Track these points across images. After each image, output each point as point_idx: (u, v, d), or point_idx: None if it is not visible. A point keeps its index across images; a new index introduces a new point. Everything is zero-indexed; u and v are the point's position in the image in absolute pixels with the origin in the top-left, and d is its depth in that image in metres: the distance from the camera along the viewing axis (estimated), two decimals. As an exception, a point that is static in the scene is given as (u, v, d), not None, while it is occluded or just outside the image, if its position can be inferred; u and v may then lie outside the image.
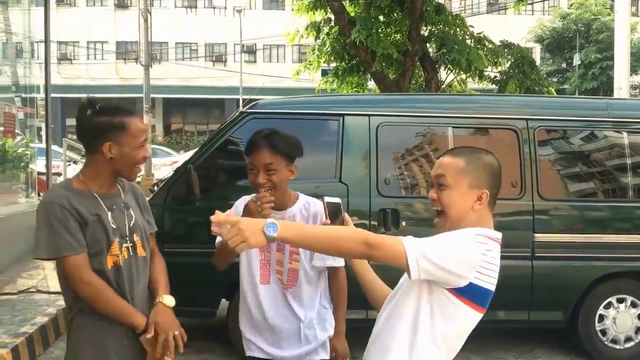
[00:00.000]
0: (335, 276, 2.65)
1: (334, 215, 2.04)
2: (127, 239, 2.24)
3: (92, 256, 2.16)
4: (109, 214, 2.20)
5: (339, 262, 2.58)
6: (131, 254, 2.25)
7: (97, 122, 2.17)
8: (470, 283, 1.80)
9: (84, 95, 2.35)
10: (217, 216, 1.75)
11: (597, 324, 4.96)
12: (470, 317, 1.87)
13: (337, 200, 2.08)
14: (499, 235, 1.94)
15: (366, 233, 1.78)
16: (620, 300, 4.99)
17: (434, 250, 1.77)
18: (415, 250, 1.75)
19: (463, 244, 1.82)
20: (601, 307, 4.96)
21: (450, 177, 1.90)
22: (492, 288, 1.87)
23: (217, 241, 2.54)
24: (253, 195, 2.62)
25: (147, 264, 2.34)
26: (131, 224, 2.27)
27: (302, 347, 2.60)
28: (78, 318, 2.23)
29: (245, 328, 2.67)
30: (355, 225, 2.12)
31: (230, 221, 1.71)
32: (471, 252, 1.81)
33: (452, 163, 1.93)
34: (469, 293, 1.82)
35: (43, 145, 11.09)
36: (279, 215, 2.52)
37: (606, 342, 4.98)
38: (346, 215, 2.08)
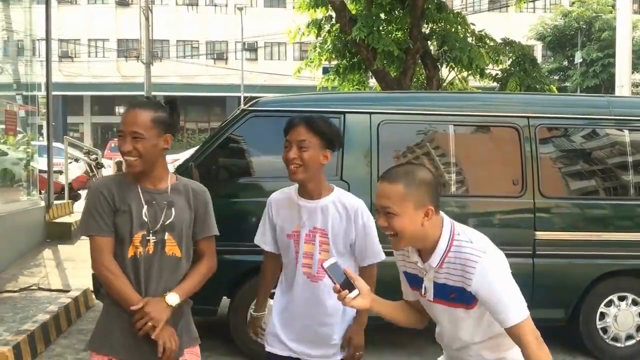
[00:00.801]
0: (369, 271, 2.63)
1: (337, 275, 2.06)
2: (157, 235, 2.29)
3: (116, 242, 2.28)
4: (145, 207, 2.29)
5: (378, 259, 2.61)
6: (158, 251, 2.30)
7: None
8: None
9: (86, 93, 2.40)
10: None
11: (598, 322, 4.96)
12: None
13: (332, 260, 2.10)
14: (447, 217, 2.13)
15: (528, 343, 1.96)
16: (621, 298, 4.99)
17: (515, 293, 2.03)
18: (522, 314, 2.00)
19: (500, 268, 2.03)
20: (602, 305, 4.96)
21: (395, 205, 2.01)
22: None
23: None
24: (284, 189, 2.68)
25: (177, 265, 2.35)
26: (167, 222, 2.31)
27: (328, 345, 2.61)
28: (106, 299, 2.37)
29: (271, 322, 2.70)
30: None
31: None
32: (502, 262, 2.05)
33: (392, 191, 2.02)
34: None
35: (44, 142, 11.10)
36: (312, 204, 2.54)
37: (607, 340, 4.98)
38: (348, 271, 2.09)
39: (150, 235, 2.29)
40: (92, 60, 37.27)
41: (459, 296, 2.03)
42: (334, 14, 11.40)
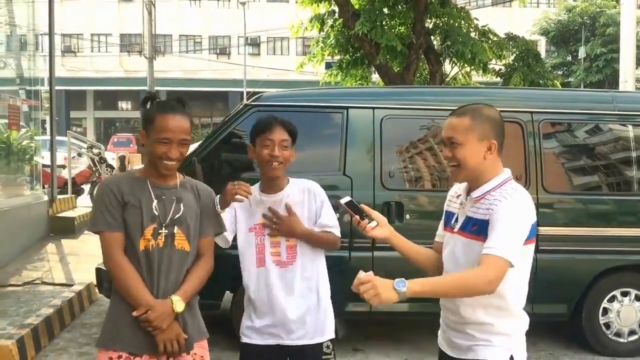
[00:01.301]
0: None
1: (354, 209, 2.27)
2: (167, 228, 2.34)
3: (127, 236, 2.32)
4: (155, 201, 2.35)
5: (336, 231, 2.79)
6: (167, 244, 2.34)
7: (143, 112, 2.43)
8: (532, 225, 2.12)
9: (89, 88, 2.41)
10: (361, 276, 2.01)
11: (601, 318, 4.96)
12: (530, 251, 2.20)
13: (347, 198, 2.31)
14: (509, 173, 2.21)
15: (486, 273, 1.98)
16: (624, 294, 4.99)
17: (514, 237, 2.04)
18: (509, 252, 2.00)
19: (520, 207, 2.08)
20: (605, 300, 4.96)
21: (460, 135, 2.14)
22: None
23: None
24: (254, 187, 2.72)
25: (185, 259, 2.39)
26: (176, 216, 2.36)
27: (299, 329, 2.68)
28: (115, 291, 2.38)
29: (244, 317, 2.77)
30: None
31: (367, 279, 1.96)
32: (529, 206, 2.11)
33: (459, 123, 2.16)
34: (529, 234, 2.11)
35: (48, 137, 11.11)
36: (278, 197, 2.73)
37: (610, 336, 4.98)
38: (363, 206, 2.29)
39: (163, 228, 2.33)
40: (95, 55, 37.28)
41: (479, 229, 2.10)
42: (336, 9, 11.37)
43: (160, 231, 2.33)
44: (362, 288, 1.93)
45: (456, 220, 2.23)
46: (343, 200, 2.26)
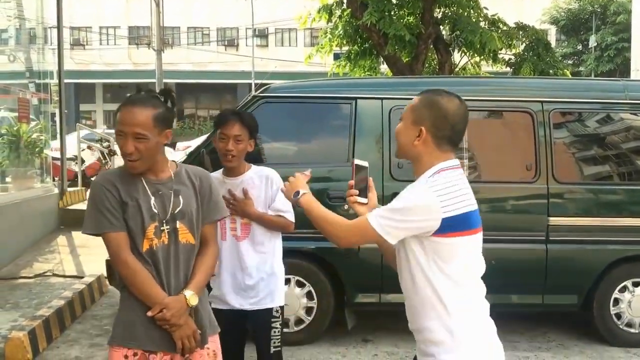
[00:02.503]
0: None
1: (358, 177, 2.21)
2: (169, 224, 2.29)
3: (130, 237, 2.27)
4: (153, 198, 2.28)
5: (289, 216, 3.11)
6: (172, 240, 2.29)
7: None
8: (443, 219, 1.94)
9: (98, 81, 2.36)
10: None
11: (612, 308, 4.93)
12: (467, 243, 2.00)
13: (365, 163, 2.24)
14: (454, 162, 2.09)
15: (349, 228, 2.06)
16: (635, 284, 4.95)
17: (394, 211, 1.97)
18: (378, 219, 1.98)
19: (416, 194, 1.98)
20: (616, 290, 4.92)
21: (405, 112, 2.14)
22: (468, 209, 2.01)
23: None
24: (214, 173, 3.13)
25: (192, 251, 2.35)
26: (176, 210, 2.30)
27: (253, 296, 3.07)
28: (124, 290, 2.34)
29: (212, 285, 3.12)
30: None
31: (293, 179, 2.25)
32: (424, 198, 1.95)
33: (413, 100, 2.16)
34: (449, 227, 1.95)
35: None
36: (237, 180, 3.10)
37: (621, 326, 4.95)
38: (370, 180, 2.23)
39: (164, 225, 2.28)
40: (103, 48, 37.35)
41: None
42: (344, -1, 11.32)
43: (162, 228, 2.27)
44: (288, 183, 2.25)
45: None
46: (357, 162, 2.22)
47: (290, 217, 3.11)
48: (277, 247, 3.19)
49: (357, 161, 2.21)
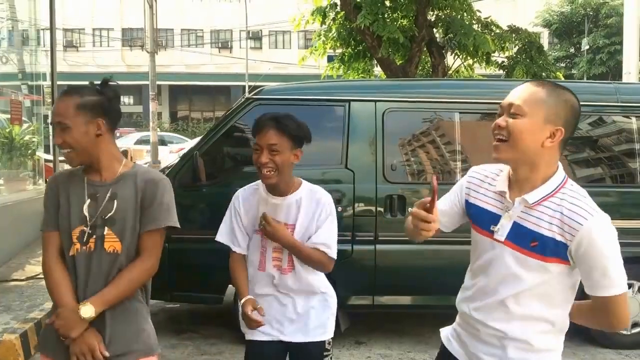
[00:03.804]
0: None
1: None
2: (95, 230, 2.12)
3: (62, 240, 2.18)
4: (88, 201, 2.14)
5: (332, 253, 2.58)
6: (97, 247, 2.12)
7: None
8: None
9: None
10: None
11: (604, 310, 4.94)
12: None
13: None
14: (561, 166, 1.94)
15: (613, 315, 1.89)
16: (627, 286, 4.97)
17: (620, 262, 1.91)
18: (625, 281, 1.89)
19: (615, 235, 1.86)
20: (608, 292, 4.94)
21: (527, 105, 1.80)
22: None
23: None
24: (254, 184, 2.67)
25: (117, 261, 2.14)
26: (107, 216, 2.13)
27: (302, 327, 2.63)
28: None
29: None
30: (361, 210, 2.11)
31: None
32: (608, 220, 1.85)
33: (533, 92, 1.82)
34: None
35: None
36: (283, 200, 2.56)
37: (613, 328, 4.96)
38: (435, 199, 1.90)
39: (91, 230, 2.12)
40: (96, 50, 37.27)
41: (543, 247, 1.80)
42: (338, 2, 11.36)
43: (89, 232, 2.12)
44: None
45: (500, 225, 1.89)
46: (435, 182, 1.83)
47: (332, 252, 2.56)
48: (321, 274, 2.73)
49: (434, 181, 1.82)
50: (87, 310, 2.06)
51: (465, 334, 2.02)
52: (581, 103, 5.46)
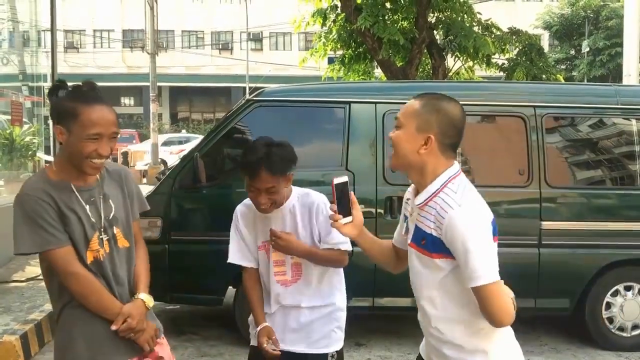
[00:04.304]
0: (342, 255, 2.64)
1: (340, 195, 2.03)
2: (107, 232, 2.17)
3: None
4: (87, 207, 2.14)
5: (344, 247, 2.59)
6: (112, 247, 2.19)
7: (56, 104, 2.10)
8: (492, 221, 1.95)
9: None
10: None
11: (604, 312, 4.95)
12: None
13: (344, 179, 2.06)
14: (457, 167, 2.00)
15: (499, 309, 1.84)
16: (627, 288, 4.97)
17: (490, 251, 1.89)
18: (490, 271, 1.86)
19: (473, 219, 1.88)
20: (608, 294, 4.95)
21: (403, 117, 1.98)
22: (491, 214, 1.98)
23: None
24: (245, 202, 2.67)
25: (131, 254, 2.27)
26: (110, 216, 2.19)
27: (305, 337, 2.62)
28: (67, 310, 2.18)
29: (250, 318, 2.73)
30: (361, 212, 2.13)
31: None
32: (479, 214, 1.92)
33: (410, 105, 2.00)
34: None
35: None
36: (277, 212, 2.57)
37: (613, 330, 4.97)
38: (352, 195, 2.07)
39: (103, 233, 2.16)
40: (97, 51, 37.29)
41: (429, 243, 1.92)
42: (339, 3, 11.36)
43: (102, 237, 2.15)
44: None
45: (408, 228, 2.06)
46: (337, 180, 2.02)
47: (346, 246, 2.58)
48: (337, 281, 2.73)
49: (335, 180, 2.02)
50: (151, 300, 2.24)
51: (425, 339, 2.18)
52: (581, 105, 5.43)
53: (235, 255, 2.67)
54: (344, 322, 2.71)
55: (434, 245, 1.90)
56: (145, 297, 2.23)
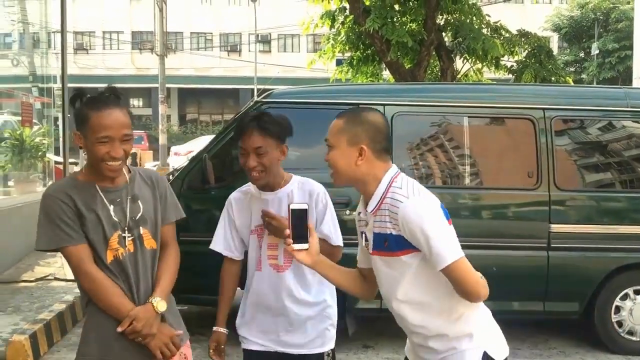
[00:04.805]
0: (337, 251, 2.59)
1: (297, 221, 2.04)
2: (132, 231, 2.20)
3: (92, 249, 2.16)
4: (111, 207, 2.18)
5: (338, 242, 2.57)
6: (137, 247, 2.21)
7: (74, 111, 2.19)
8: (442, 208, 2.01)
9: (100, 85, 2.31)
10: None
11: (613, 316, 4.92)
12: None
13: (304, 205, 2.09)
14: (395, 168, 2.09)
15: (470, 284, 1.90)
16: (637, 292, 4.94)
17: (447, 233, 1.96)
18: (453, 251, 1.93)
19: (423, 207, 1.96)
20: (617, 298, 4.92)
21: (332, 137, 2.07)
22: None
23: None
24: (244, 187, 2.65)
25: (156, 256, 2.29)
26: (137, 217, 2.22)
27: (299, 337, 2.56)
28: (89, 308, 2.23)
29: (240, 321, 2.69)
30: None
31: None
32: (429, 202, 1.99)
33: (334, 125, 2.08)
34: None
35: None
36: (274, 195, 2.54)
37: (622, 334, 4.94)
38: (310, 223, 2.08)
39: (127, 233, 2.19)
40: (106, 53, 37.45)
41: (392, 243, 1.97)
42: (347, 5, 11.37)
43: (125, 236, 2.18)
44: None
45: (367, 240, 2.11)
46: (293, 205, 2.06)
47: (338, 241, 2.55)
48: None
49: (293, 205, 2.06)
50: (162, 304, 2.20)
51: (408, 340, 2.24)
52: (591, 108, 5.41)
53: (220, 243, 2.64)
54: (335, 320, 2.66)
55: (397, 243, 1.96)
56: (155, 300, 2.20)
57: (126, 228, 2.19)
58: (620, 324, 4.94)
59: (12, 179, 8.76)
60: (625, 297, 4.93)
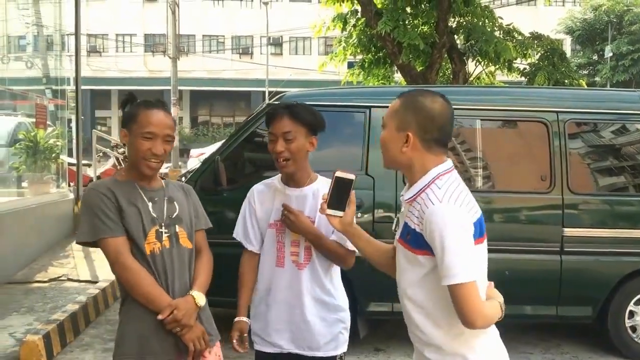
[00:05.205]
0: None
1: (339, 190, 2.03)
2: (168, 228, 2.29)
3: (130, 242, 2.23)
4: (150, 204, 2.28)
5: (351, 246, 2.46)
6: (173, 244, 2.30)
7: (124, 112, 2.33)
8: (474, 224, 1.88)
9: (113, 88, 2.38)
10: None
11: (627, 320, 4.88)
12: (483, 251, 1.93)
13: (350, 176, 2.05)
14: (448, 164, 1.96)
15: (472, 310, 1.80)
16: (651, 297, 4.90)
17: (465, 251, 1.85)
18: (464, 270, 1.83)
19: (449, 220, 1.85)
20: (631, 303, 4.88)
21: (386, 118, 1.97)
22: (479, 214, 1.92)
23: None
24: (266, 180, 2.64)
25: (191, 256, 2.37)
26: (174, 215, 2.33)
27: (312, 339, 2.53)
28: (126, 305, 2.29)
29: (254, 321, 2.64)
30: (380, 217, 2.13)
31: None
32: (456, 216, 1.84)
33: (392, 105, 1.98)
34: (475, 232, 1.89)
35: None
36: (299, 192, 2.51)
37: (636, 339, 4.90)
38: (352, 194, 2.07)
39: (164, 229, 2.28)
40: (119, 55, 37.69)
41: (412, 239, 1.90)
42: (359, 8, 11.36)
43: (162, 232, 2.27)
44: None
45: (397, 225, 2.06)
46: (339, 174, 2.04)
47: (348, 244, 2.45)
48: (337, 279, 2.62)
49: (339, 173, 2.05)
50: (202, 298, 2.30)
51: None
52: (604, 111, 5.37)
53: (240, 233, 2.64)
54: (349, 323, 2.63)
55: (416, 240, 1.88)
56: (196, 294, 2.29)
57: (163, 224, 2.28)
58: (634, 329, 4.90)
59: (26, 180, 8.83)
60: (638, 302, 4.89)
